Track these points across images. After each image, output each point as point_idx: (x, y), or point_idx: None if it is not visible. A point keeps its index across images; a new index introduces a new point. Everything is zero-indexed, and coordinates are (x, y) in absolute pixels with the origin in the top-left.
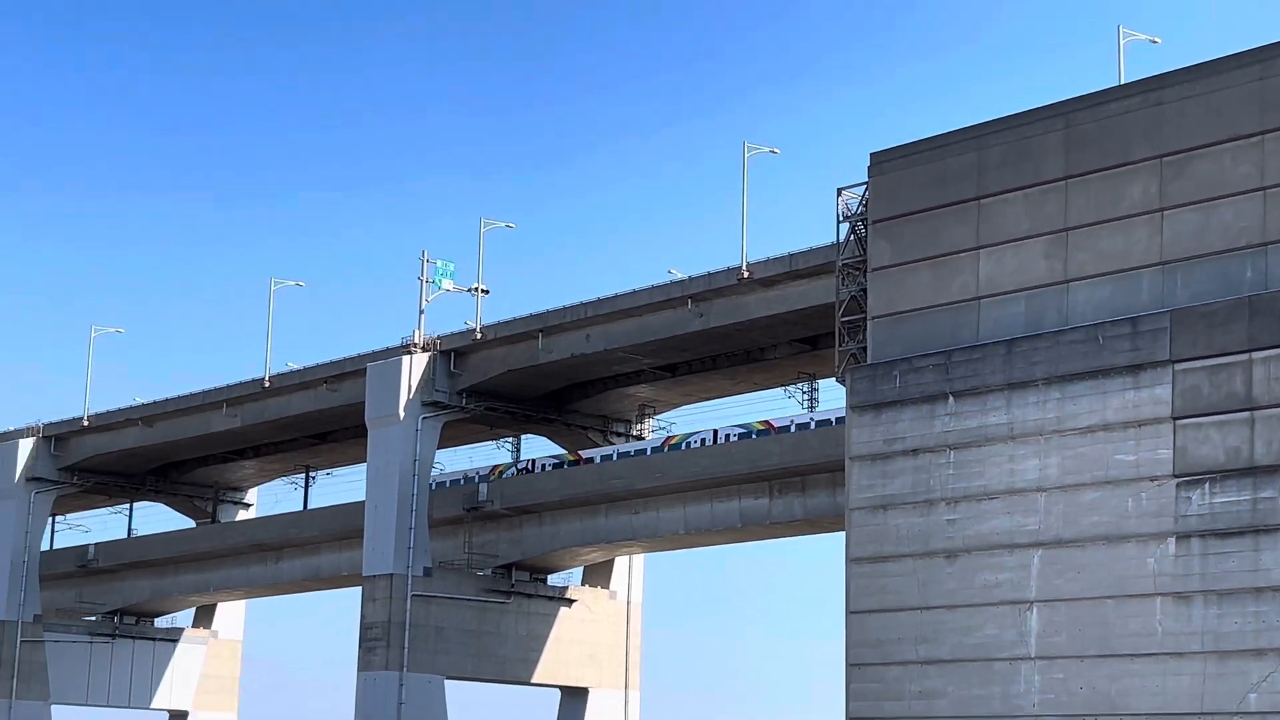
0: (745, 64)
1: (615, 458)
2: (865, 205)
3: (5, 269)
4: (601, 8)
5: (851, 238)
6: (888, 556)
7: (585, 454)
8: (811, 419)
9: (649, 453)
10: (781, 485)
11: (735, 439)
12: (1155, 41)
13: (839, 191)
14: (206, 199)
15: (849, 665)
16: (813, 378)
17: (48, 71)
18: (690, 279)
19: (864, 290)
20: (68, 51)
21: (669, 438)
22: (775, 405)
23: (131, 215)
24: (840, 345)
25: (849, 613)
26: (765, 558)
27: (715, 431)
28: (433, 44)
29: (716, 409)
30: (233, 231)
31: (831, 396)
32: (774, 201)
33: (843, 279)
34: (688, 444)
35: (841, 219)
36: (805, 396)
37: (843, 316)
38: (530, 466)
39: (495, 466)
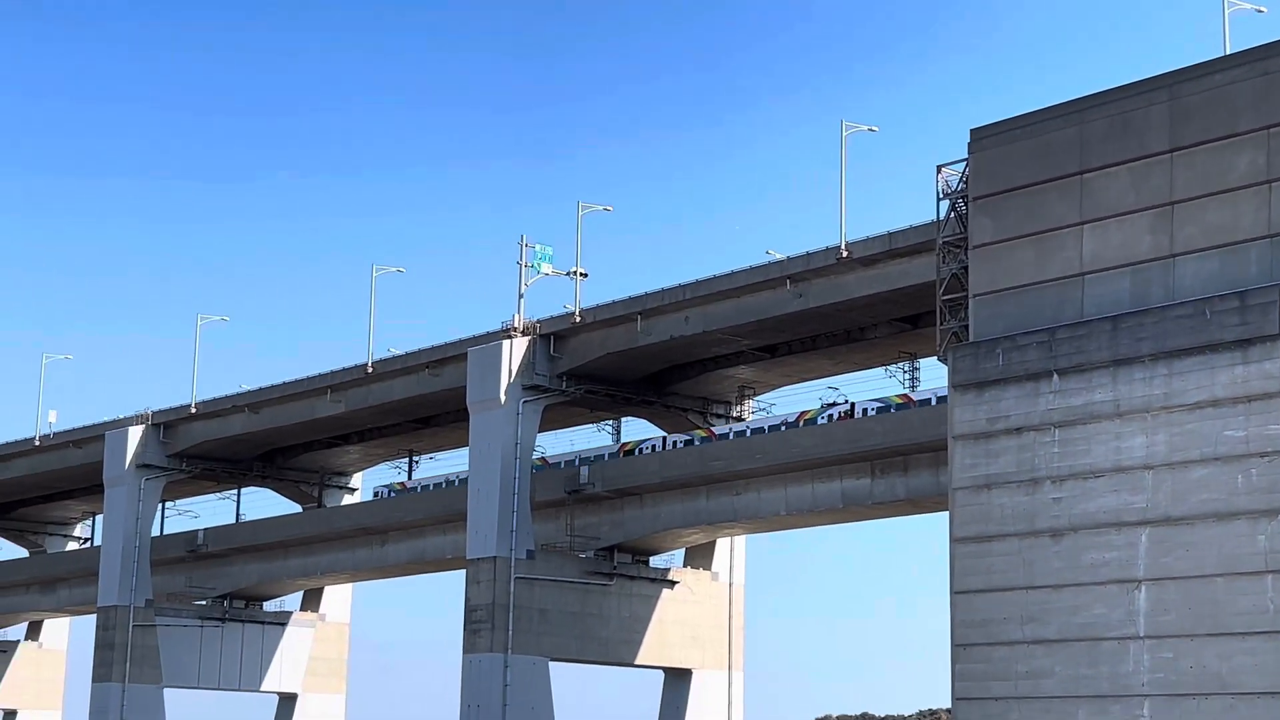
0: (842, 41)
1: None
2: (966, 182)
3: (114, 261)
4: None
5: (952, 215)
6: (992, 536)
7: (552, 458)
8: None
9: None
10: (883, 465)
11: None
12: (1261, 11)
13: (939, 168)
14: (308, 187)
15: (954, 645)
16: (914, 357)
17: (155, 62)
18: (789, 259)
19: (965, 268)
20: (178, 43)
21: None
22: (876, 385)
23: (235, 204)
24: (941, 324)
25: (954, 593)
26: (867, 538)
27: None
28: (529, 30)
29: (817, 389)
30: (334, 219)
31: (933, 375)
32: (873, 180)
33: (944, 257)
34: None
35: (942, 196)
36: (906, 376)
37: (944, 294)
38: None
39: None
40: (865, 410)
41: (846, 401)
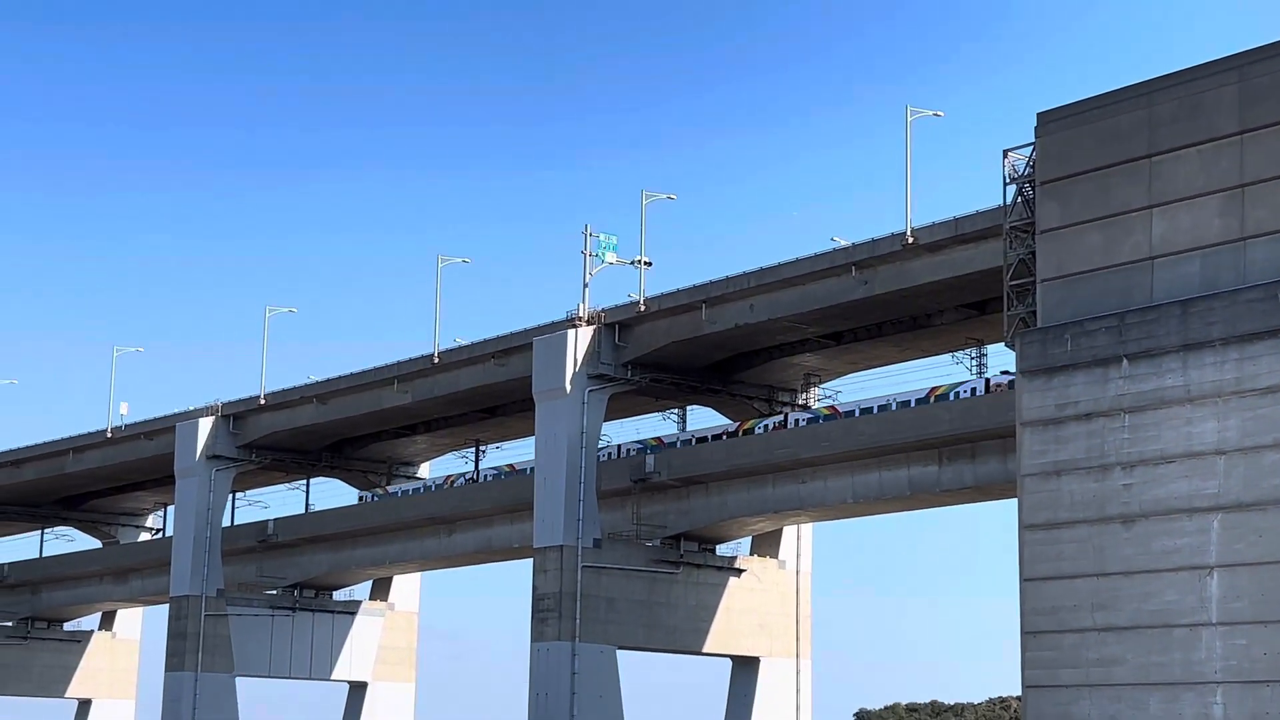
0: (907, 27)
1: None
2: (1033, 166)
3: (184, 257)
4: None
5: (1019, 200)
6: (1062, 523)
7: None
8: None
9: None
10: (951, 452)
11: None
12: None
13: (1005, 153)
14: (375, 181)
15: (1024, 633)
16: (981, 343)
17: (227, 74)
18: (854, 246)
19: (1032, 253)
20: (253, 57)
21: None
22: (943, 372)
23: (302, 199)
24: (1009, 309)
25: (1023, 580)
26: (935, 525)
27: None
28: (594, 23)
29: (883, 377)
30: (400, 212)
31: (1000, 361)
32: (938, 165)
33: (1010, 242)
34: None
35: (1008, 181)
36: (974, 362)
37: (1011, 280)
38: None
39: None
40: (797, 421)
41: (782, 413)
